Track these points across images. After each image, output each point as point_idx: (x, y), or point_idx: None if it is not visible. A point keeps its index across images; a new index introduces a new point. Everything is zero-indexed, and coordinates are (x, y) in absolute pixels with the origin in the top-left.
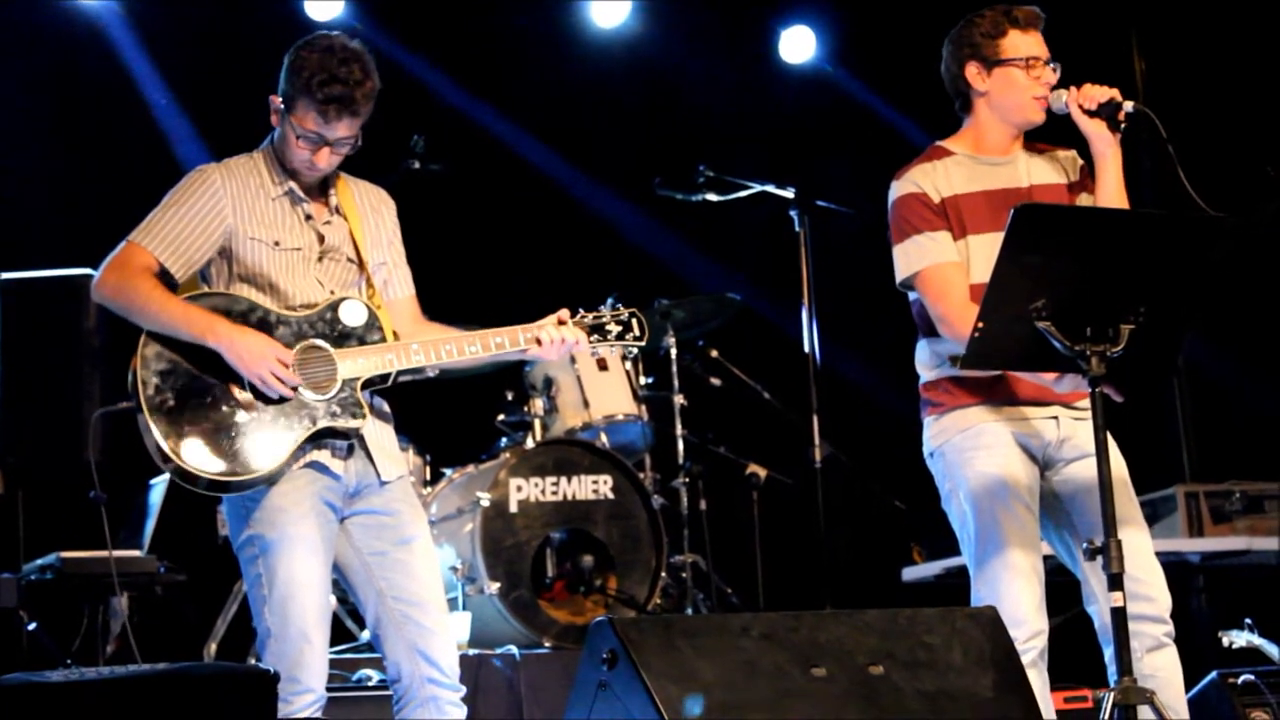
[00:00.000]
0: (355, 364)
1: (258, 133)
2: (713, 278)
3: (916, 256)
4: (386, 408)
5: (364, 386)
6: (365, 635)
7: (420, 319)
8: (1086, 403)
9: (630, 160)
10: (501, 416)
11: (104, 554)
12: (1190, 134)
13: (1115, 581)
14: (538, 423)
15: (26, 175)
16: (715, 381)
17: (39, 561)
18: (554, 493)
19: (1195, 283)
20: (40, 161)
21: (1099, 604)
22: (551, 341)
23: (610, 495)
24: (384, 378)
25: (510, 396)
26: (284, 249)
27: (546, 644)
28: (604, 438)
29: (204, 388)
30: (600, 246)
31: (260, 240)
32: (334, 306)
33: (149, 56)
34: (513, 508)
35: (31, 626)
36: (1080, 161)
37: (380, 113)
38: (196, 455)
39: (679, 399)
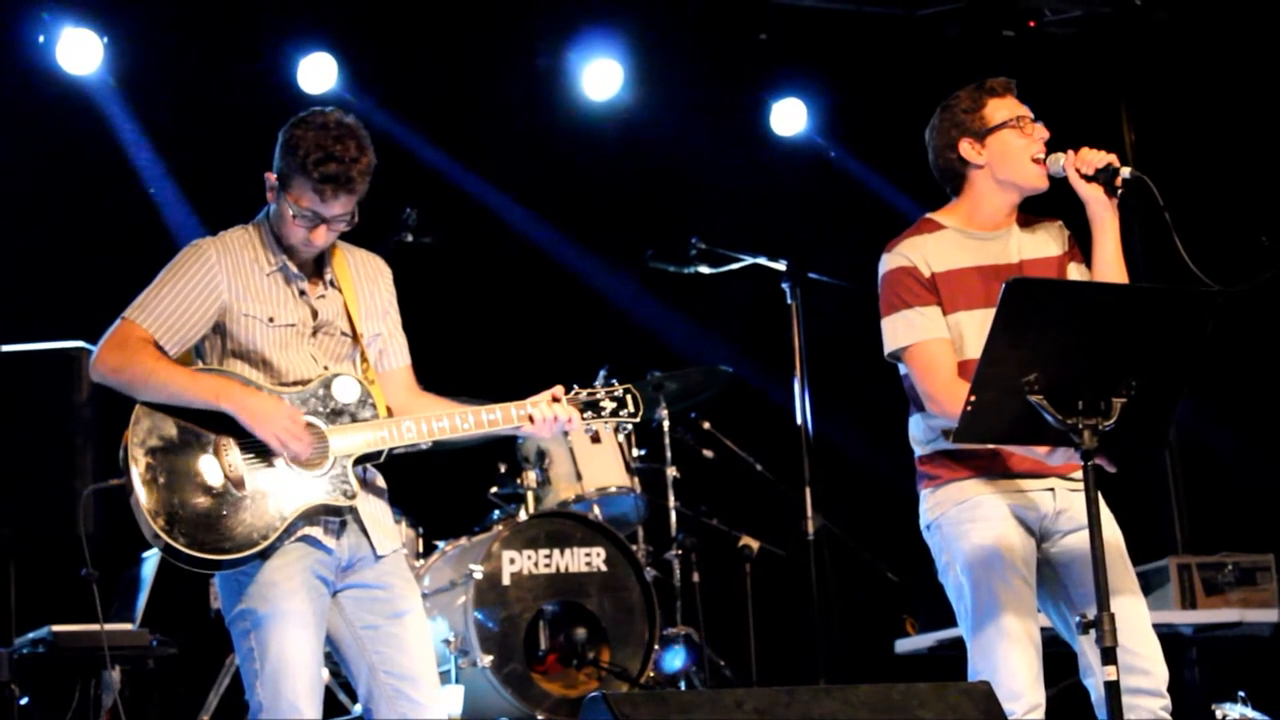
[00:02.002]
0: (347, 441)
1: (251, 205)
2: (705, 350)
3: (905, 332)
4: (381, 481)
5: (356, 462)
6: (358, 709)
7: (415, 389)
8: (1062, 458)
9: (622, 232)
10: (494, 489)
11: (96, 628)
12: (1181, 206)
13: (1109, 655)
14: (530, 495)
15: (18, 248)
16: (708, 453)
17: (30, 635)
18: (547, 565)
19: (1187, 356)
20: (32, 234)
21: (1095, 677)
22: (544, 419)
23: (603, 567)
24: (377, 454)
25: (503, 469)
26: (278, 325)
27: (540, 717)
28: (597, 510)
29: (196, 465)
30: (592, 318)
31: (254, 317)
32: (326, 383)
33: (142, 129)
34: (505, 580)
35: (23, 701)
36: (1066, 231)
37: (372, 185)
38: (187, 534)
39: (671, 471)
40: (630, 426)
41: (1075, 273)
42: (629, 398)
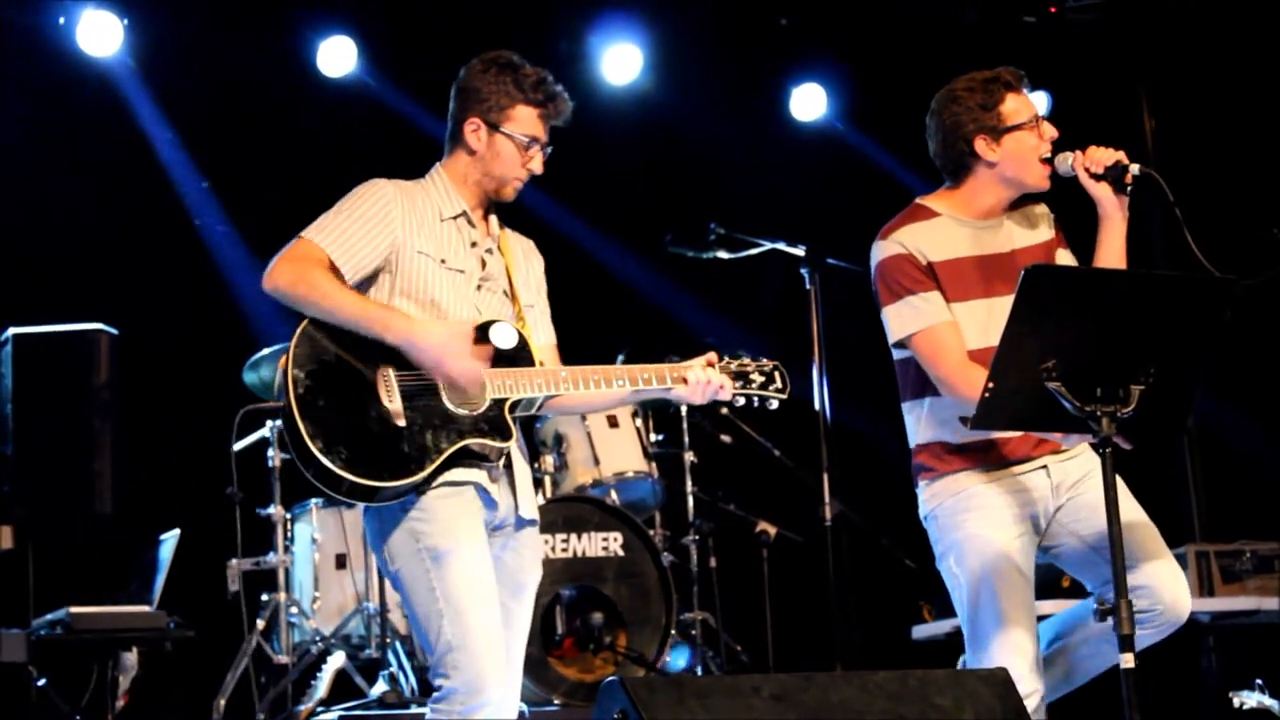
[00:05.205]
0: (505, 384)
1: (268, 183)
2: (723, 334)
3: (910, 318)
4: (523, 445)
5: (510, 410)
6: (375, 692)
7: (559, 365)
8: (1069, 442)
9: (641, 217)
10: None
11: (111, 609)
12: (1200, 193)
13: (1126, 643)
14: (548, 479)
15: (38, 231)
16: (726, 439)
17: (48, 617)
18: (564, 550)
19: (1205, 344)
20: (52, 217)
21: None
22: (699, 383)
23: (620, 552)
24: (530, 402)
25: None
26: (449, 268)
27: (556, 702)
28: (614, 495)
29: (354, 392)
30: (611, 303)
31: (427, 255)
32: (484, 328)
33: (161, 111)
34: None
35: (41, 682)
36: (1052, 215)
37: (392, 169)
38: (345, 458)
39: (689, 456)
40: (776, 403)
41: (1064, 258)
42: (777, 374)
